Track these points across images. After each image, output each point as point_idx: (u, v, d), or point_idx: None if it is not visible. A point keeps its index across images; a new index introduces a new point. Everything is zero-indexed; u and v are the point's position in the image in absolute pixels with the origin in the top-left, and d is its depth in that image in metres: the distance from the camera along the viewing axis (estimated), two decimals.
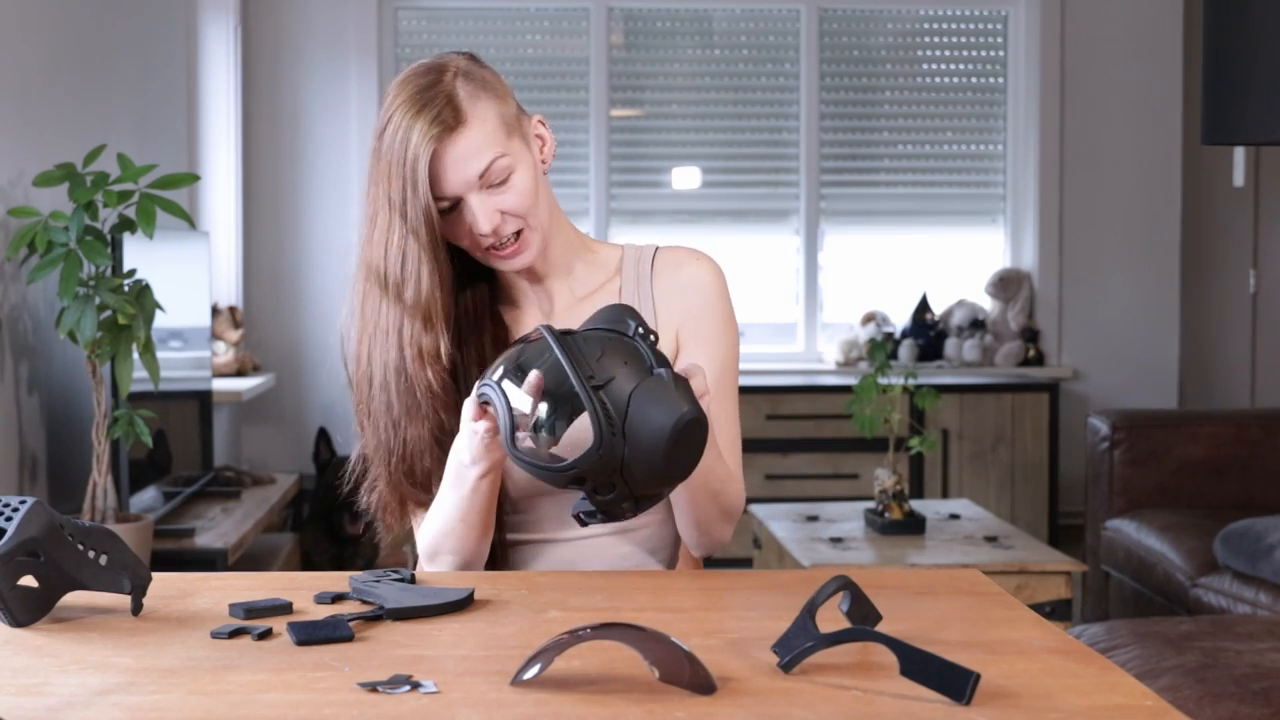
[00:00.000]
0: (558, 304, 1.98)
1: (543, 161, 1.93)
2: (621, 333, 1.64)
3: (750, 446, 6.23)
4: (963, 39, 6.11)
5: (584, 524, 1.69)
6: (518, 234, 1.88)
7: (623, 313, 1.66)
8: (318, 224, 5.85)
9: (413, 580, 1.72)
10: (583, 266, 1.99)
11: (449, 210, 1.86)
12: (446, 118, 1.83)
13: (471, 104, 1.85)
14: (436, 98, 1.84)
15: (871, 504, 4.25)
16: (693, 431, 1.58)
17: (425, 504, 1.92)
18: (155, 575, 1.67)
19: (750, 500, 5.12)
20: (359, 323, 1.91)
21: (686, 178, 6.09)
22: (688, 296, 1.99)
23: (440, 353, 1.86)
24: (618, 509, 1.63)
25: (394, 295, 1.85)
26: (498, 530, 1.93)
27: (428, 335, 1.85)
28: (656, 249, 2.03)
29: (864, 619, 1.50)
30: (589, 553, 1.94)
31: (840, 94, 6.08)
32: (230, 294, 5.60)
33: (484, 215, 1.85)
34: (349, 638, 1.49)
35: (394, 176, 1.83)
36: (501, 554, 1.95)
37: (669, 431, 1.56)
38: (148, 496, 3.84)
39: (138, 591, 1.59)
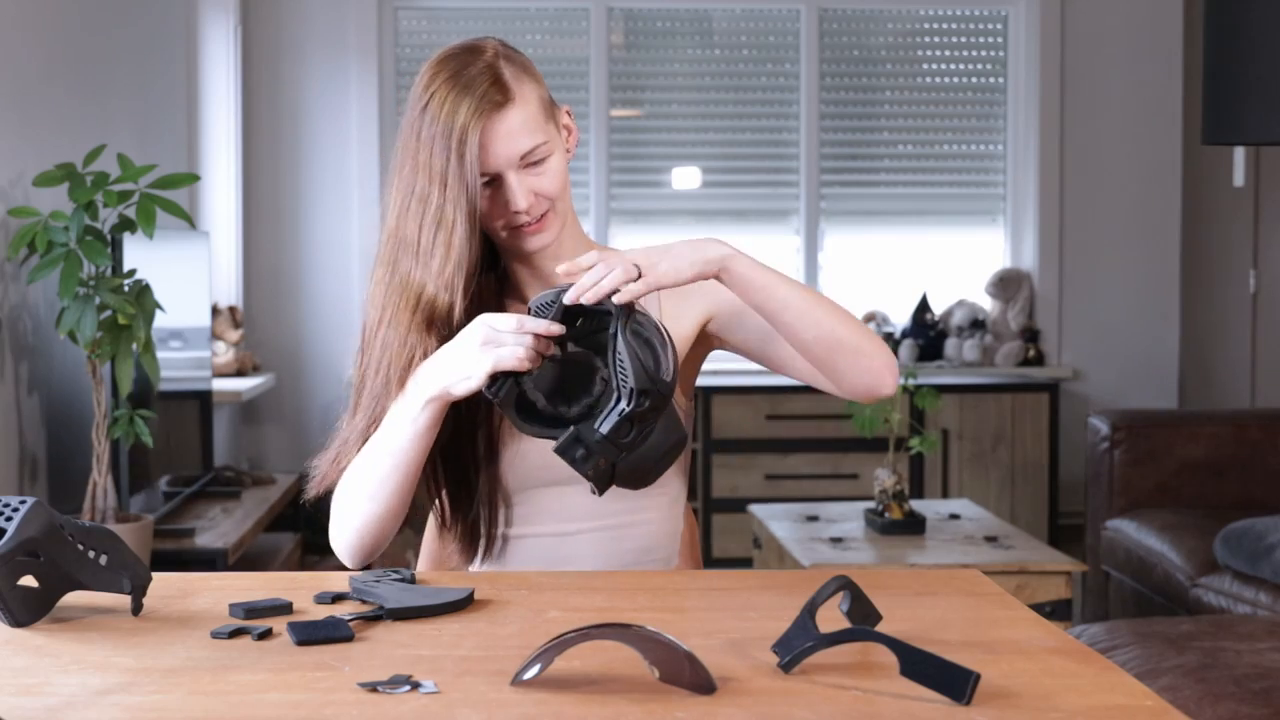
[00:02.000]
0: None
1: (567, 151, 1.97)
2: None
3: (750, 446, 6.23)
4: (963, 39, 6.11)
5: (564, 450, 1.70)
6: (542, 215, 1.91)
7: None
8: (318, 224, 5.85)
9: (413, 580, 1.72)
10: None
11: (484, 186, 1.88)
12: (494, 95, 1.85)
13: (517, 84, 1.88)
14: (482, 75, 1.86)
15: (871, 504, 4.25)
16: (679, 450, 1.74)
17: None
18: (155, 575, 1.67)
19: (750, 500, 5.12)
20: (380, 293, 1.88)
21: (686, 178, 6.09)
22: (705, 289, 1.94)
23: (452, 324, 1.85)
24: (603, 465, 1.68)
25: (423, 263, 1.85)
26: (494, 524, 1.93)
27: (444, 298, 1.85)
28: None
29: (864, 619, 1.50)
30: (586, 549, 1.94)
31: (840, 94, 6.08)
32: (230, 294, 5.60)
33: (521, 193, 1.87)
34: (349, 638, 1.50)
35: (438, 151, 1.83)
36: (500, 547, 1.95)
37: (672, 442, 1.72)
38: (148, 496, 3.84)
39: (138, 591, 1.59)
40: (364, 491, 1.84)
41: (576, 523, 1.93)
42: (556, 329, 1.72)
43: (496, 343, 1.73)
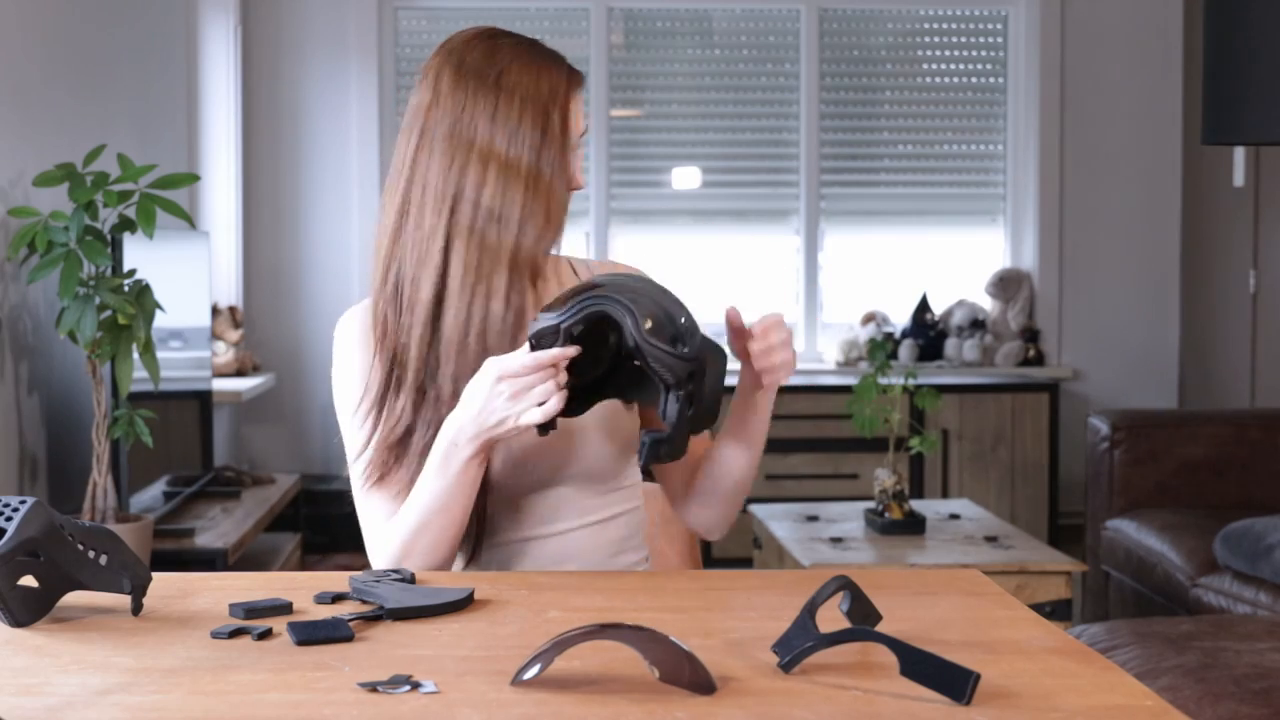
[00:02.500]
0: (543, 299, 1.98)
1: None
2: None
3: None
4: (963, 39, 6.11)
5: (650, 460, 1.77)
6: None
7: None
8: (318, 224, 5.85)
9: (413, 580, 1.72)
10: (550, 268, 2.03)
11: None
12: (576, 69, 1.96)
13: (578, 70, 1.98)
14: (556, 52, 1.97)
15: (871, 504, 4.25)
16: (725, 369, 1.79)
17: (385, 509, 1.90)
18: (155, 575, 1.67)
19: (750, 500, 5.12)
20: (461, 266, 1.86)
21: (686, 178, 6.09)
22: None
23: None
24: (684, 429, 1.74)
25: (514, 231, 1.86)
26: (481, 531, 1.93)
27: (544, 262, 1.92)
28: (587, 262, 2.10)
29: (864, 619, 1.50)
30: (571, 547, 1.94)
31: (840, 94, 6.08)
32: (230, 294, 5.60)
33: (582, 168, 1.96)
34: (349, 638, 1.49)
35: (530, 116, 1.88)
36: (485, 550, 1.95)
37: (720, 371, 1.77)
38: (148, 496, 3.84)
39: (138, 591, 1.59)
40: (421, 545, 1.84)
41: (561, 523, 1.94)
42: (571, 351, 1.73)
43: (525, 389, 1.73)
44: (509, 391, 1.73)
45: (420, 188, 1.89)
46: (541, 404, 1.73)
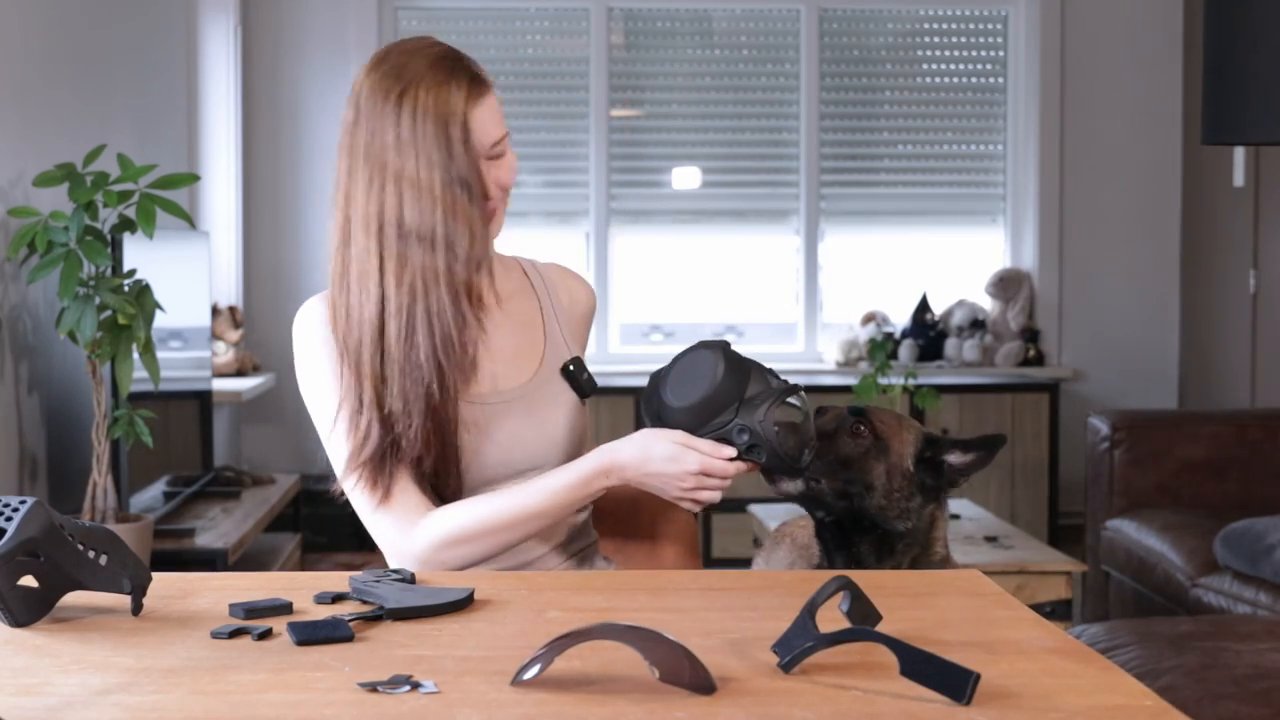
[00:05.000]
0: (487, 299, 2.01)
1: None
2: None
3: None
4: (963, 39, 6.11)
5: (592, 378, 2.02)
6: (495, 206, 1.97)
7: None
8: (318, 224, 5.85)
9: (413, 580, 1.72)
10: (499, 267, 2.06)
11: (494, 159, 1.93)
12: (481, 77, 1.92)
13: (485, 76, 1.95)
14: (461, 61, 1.92)
15: None
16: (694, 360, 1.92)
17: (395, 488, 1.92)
18: (155, 575, 1.67)
19: (750, 500, 5.12)
20: (395, 285, 1.88)
21: (686, 178, 6.09)
22: (576, 316, 2.14)
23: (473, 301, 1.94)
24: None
25: (442, 250, 1.87)
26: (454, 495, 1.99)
27: (478, 278, 1.93)
28: (535, 262, 2.14)
29: (864, 619, 1.50)
30: (523, 548, 1.99)
31: (840, 94, 6.08)
32: (230, 294, 5.60)
33: (511, 169, 1.94)
34: (349, 638, 1.49)
35: (433, 135, 1.87)
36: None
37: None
38: (148, 496, 3.84)
39: (138, 591, 1.59)
40: (486, 546, 1.91)
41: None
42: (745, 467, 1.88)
43: (715, 489, 1.88)
44: (698, 485, 1.86)
45: (353, 206, 1.91)
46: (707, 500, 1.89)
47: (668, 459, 1.84)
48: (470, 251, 1.88)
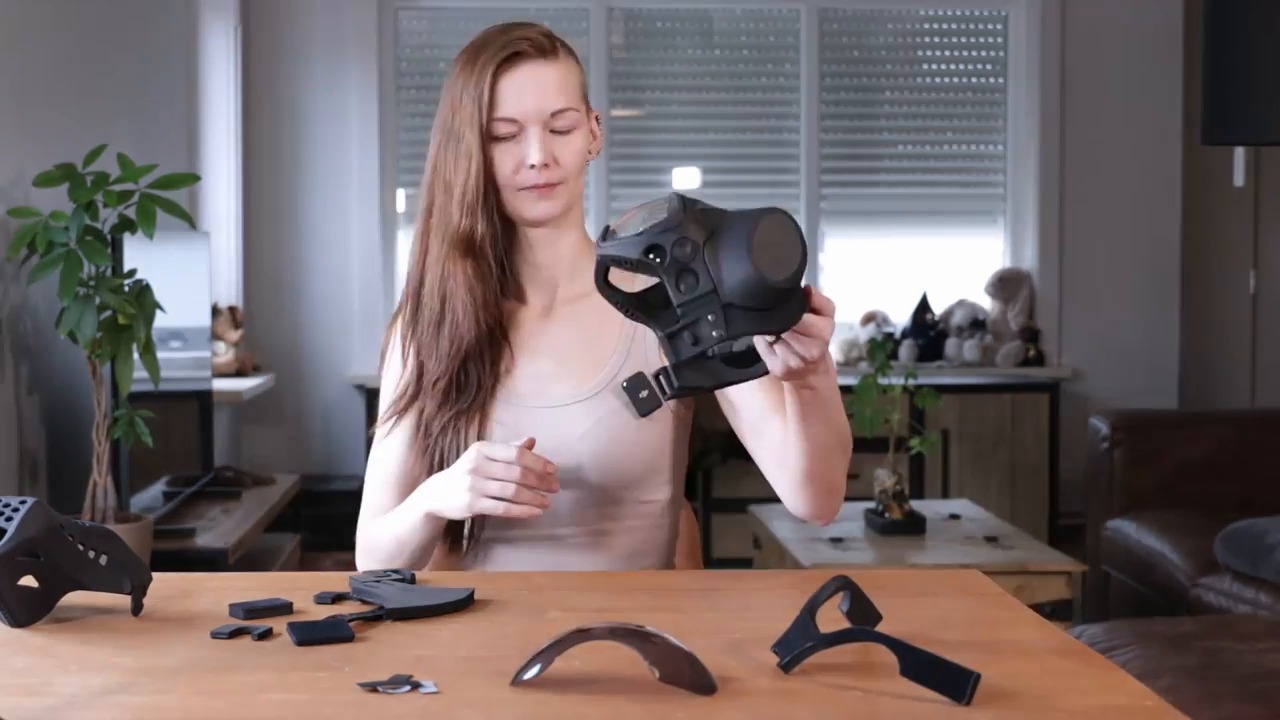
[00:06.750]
0: (559, 296, 1.98)
1: (590, 153, 1.96)
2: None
3: None
4: (963, 39, 6.11)
5: (656, 397, 1.65)
6: (553, 183, 1.90)
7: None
8: (318, 224, 5.85)
9: (413, 580, 1.72)
10: (583, 264, 1.99)
11: (507, 138, 1.88)
12: (541, 43, 1.89)
13: (564, 50, 1.92)
14: (531, 29, 1.90)
15: (872, 504, 4.25)
16: (782, 225, 1.45)
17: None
18: (155, 575, 1.67)
19: (750, 500, 5.12)
20: (421, 238, 1.93)
21: (686, 178, 6.09)
22: None
23: (485, 247, 1.89)
24: (702, 330, 1.46)
25: (455, 195, 1.88)
26: (479, 528, 1.94)
27: (465, 222, 1.89)
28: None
29: (864, 619, 1.50)
30: (571, 555, 1.93)
31: (840, 94, 6.08)
32: (230, 294, 5.60)
33: (539, 147, 1.87)
34: (349, 638, 1.49)
35: (472, 86, 1.87)
36: (484, 551, 1.95)
37: (752, 223, 1.44)
38: (148, 496, 3.84)
39: (138, 591, 1.59)
40: (403, 563, 1.90)
41: (559, 528, 1.92)
42: (552, 468, 1.74)
43: (484, 474, 1.74)
44: (471, 465, 1.76)
45: (431, 184, 1.94)
46: (489, 505, 1.76)
47: (449, 471, 1.82)
48: (464, 197, 1.88)
